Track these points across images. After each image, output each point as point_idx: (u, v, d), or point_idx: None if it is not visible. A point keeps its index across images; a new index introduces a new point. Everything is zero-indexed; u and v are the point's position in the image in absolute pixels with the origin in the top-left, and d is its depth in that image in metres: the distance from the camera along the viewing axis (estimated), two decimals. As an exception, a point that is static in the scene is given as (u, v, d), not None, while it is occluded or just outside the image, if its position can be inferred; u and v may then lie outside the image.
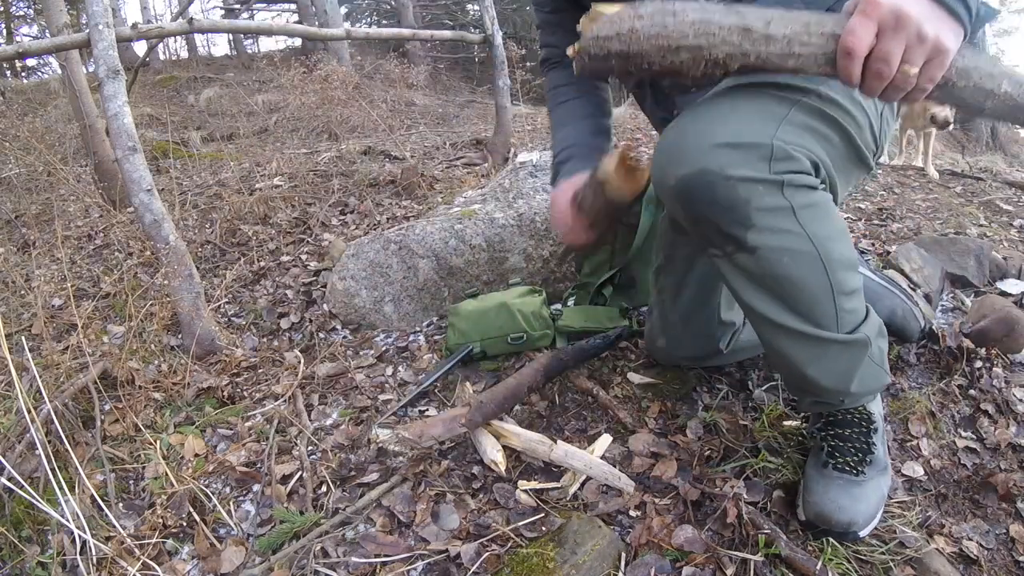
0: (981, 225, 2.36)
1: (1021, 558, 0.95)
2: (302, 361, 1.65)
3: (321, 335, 1.85)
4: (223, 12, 10.92)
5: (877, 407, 1.01)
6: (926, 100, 0.73)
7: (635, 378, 1.37)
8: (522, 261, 1.84)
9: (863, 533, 0.94)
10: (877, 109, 0.91)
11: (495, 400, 1.21)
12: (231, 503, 1.18)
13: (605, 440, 1.18)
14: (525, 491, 1.09)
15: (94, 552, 1.03)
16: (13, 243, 2.77)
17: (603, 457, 1.14)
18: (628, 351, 1.48)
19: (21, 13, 11.39)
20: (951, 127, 3.56)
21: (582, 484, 1.10)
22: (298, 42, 9.74)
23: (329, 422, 1.40)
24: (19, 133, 2.92)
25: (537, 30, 1.32)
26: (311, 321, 1.90)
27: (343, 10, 10.95)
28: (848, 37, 0.65)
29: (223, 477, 1.24)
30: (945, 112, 3.29)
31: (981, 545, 0.97)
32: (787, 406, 1.25)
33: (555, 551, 0.92)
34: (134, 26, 2.06)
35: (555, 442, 1.10)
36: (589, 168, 1.06)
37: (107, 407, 1.44)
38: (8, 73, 10.02)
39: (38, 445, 1.13)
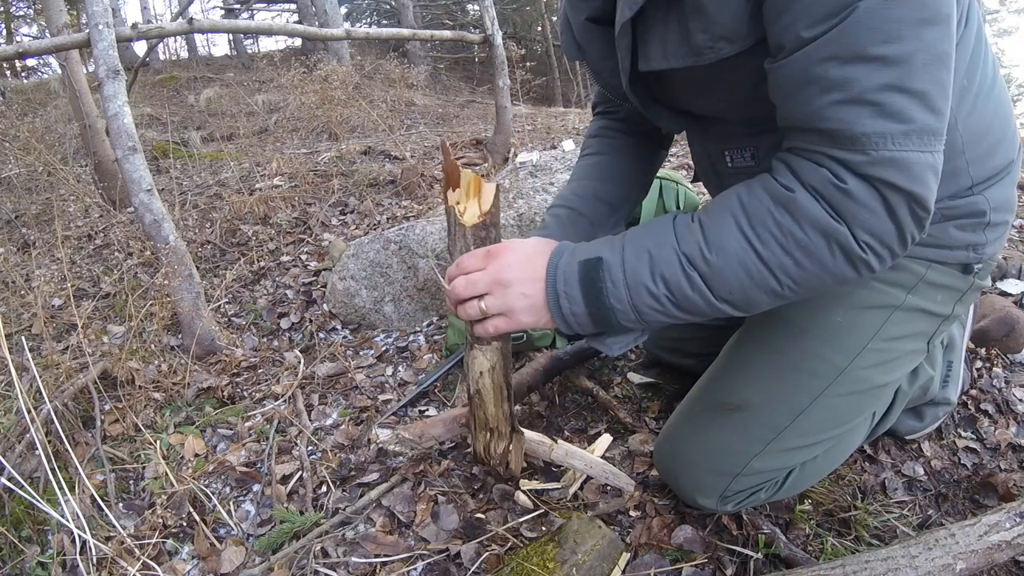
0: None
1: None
2: (302, 361, 1.65)
3: (321, 335, 1.85)
4: (223, 12, 10.92)
5: None
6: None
7: (635, 378, 1.37)
8: (522, 261, 1.84)
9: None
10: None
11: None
12: (231, 503, 1.18)
13: (605, 440, 1.18)
14: (525, 491, 1.09)
15: (94, 552, 1.03)
16: (13, 243, 2.77)
17: (603, 457, 1.14)
18: (628, 351, 1.48)
19: (21, 13, 11.39)
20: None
21: (582, 484, 1.10)
22: (298, 42, 9.74)
23: (329, 422, 1.40)
24: (19, 133, 2.91)
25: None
26: (311, 321, 1.90)
27: (343, 10, 10.95)
28: (465, 258, 0.78)
29: (223, 477, 1.24)
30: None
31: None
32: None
33: (555, 551, 0.91)
34: (134, 26, 2.06)
35: (555, 442, 1.10)
36: (562, 235, 0.97)
37: (107, 407, 1.44)
38: (8, 73, 10.02)
39: (38, 445, 1.13)
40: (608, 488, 1.09)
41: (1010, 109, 0.84)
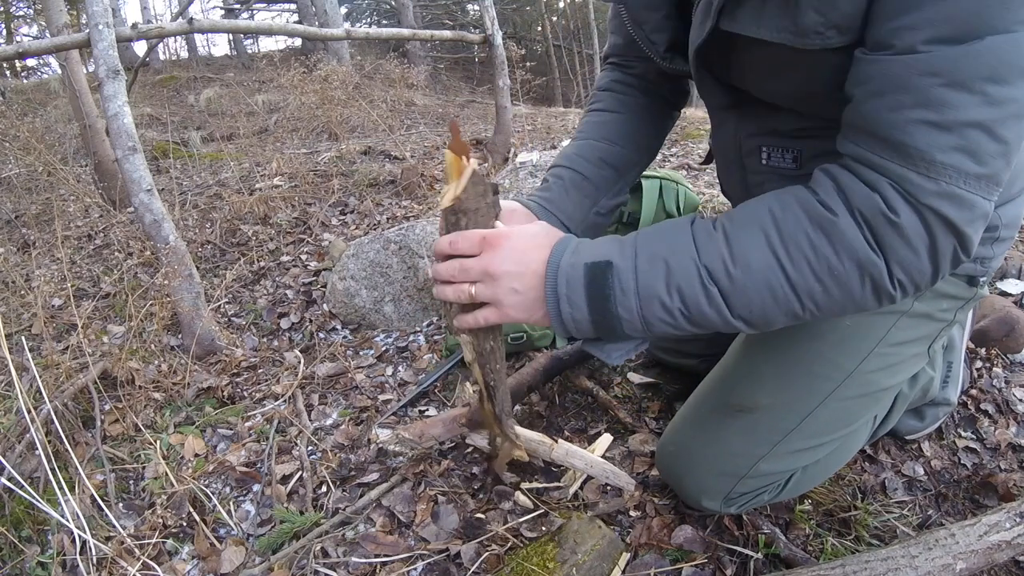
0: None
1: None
2: (302, 361, 1.65)
3: (321, 335, 1.85)
4: (223, 12, 10.92)
5: None
6: None
7: (635, 378, 1.37)
8: (522, 261, 1.84)
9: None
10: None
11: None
12: (231, 503, 1.18)
13: (606, 440, 1.18)
14: (525, 491, 1.09)
15: (94, 552, 1.03)
16: (13, 243, 2.77)
17: (604, 456, 1.14)
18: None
19: (21, 13, 11.39)
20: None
21: (583, 484, 1.10)
22: (298, 42, 9.74)
23: (329, 422, 1.40)
24: (19, 133, 2.91)
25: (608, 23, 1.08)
26: (311, 321, 1.90)
27: (343, 10, 10.96)
28: (460, 235, 0.73)
29: (223, 477, 1.24)
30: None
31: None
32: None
33: (555, 551, 0.91)
34: (134, 26, 2.06)
35: (555, 441, 1.10)
36: (563, 199, 0.94)
37: (107, 407, 1.44)
38: (8, 73, 10.02)
39: (38, 445, 1.13)
40: (608, 488, 1.09)
41: None
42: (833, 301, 0.61)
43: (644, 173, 1.58)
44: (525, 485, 1.10)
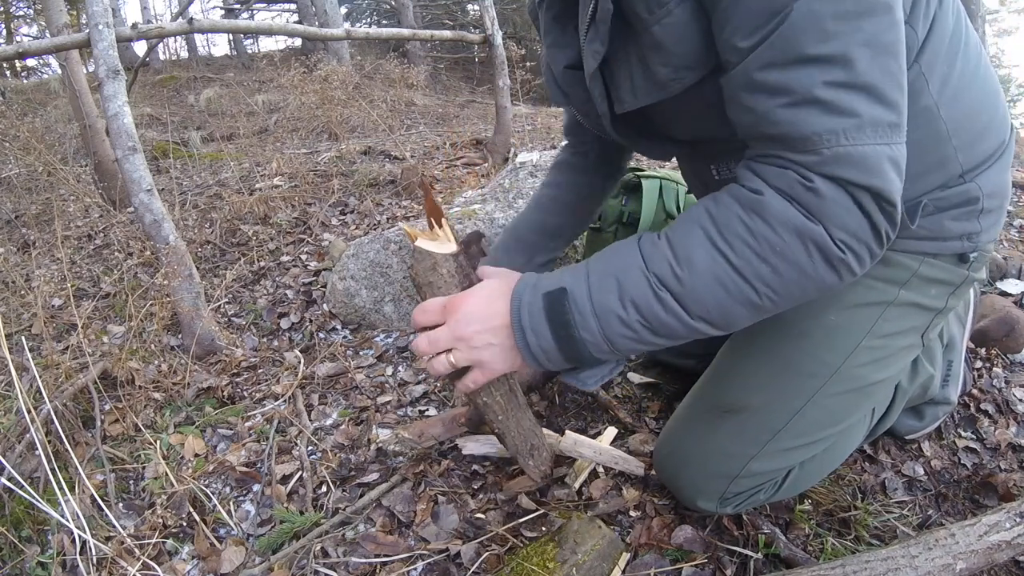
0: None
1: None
2: (302, 361, 1.65)
3: (321, 335, 1.85)
4: (223, 12, 10.92)
5: None
6: None
7: (635, 378, 1.37)
8: (522, 261, 1.84)
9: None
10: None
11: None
12: (231, 503, 1.18)
13: (611, 432, 1.19)
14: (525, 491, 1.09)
15: (94, 552, 1.03)
16: (13, 243, 2.77)
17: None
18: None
19: (21, 13, 11.39)
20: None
21: (587, 480, 1.10)
22: (298, 42, 9.74)
23: (329, 422, 1.40)
24: (19, 133, 2.92)
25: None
26: (311, 321, 1.90)
27: (343, 10, 10.95)
28: (421, 309, 0.76)
29: (223, 477, 1.24)
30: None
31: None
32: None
33: (555, 551, 0.91)
34: (134, 26, 2.06)
35: (563, 433, 1.11)
36: (506, 260, 1.08)
37: (107, 407, 1.44)
38: (8, 73, 10.02)
39: (38, 445, 1.13)
40: (609, 488, 1.09)
41: (997, 90, 0.82)
42: (787, 281, 0.62)
43: (645, 173, 1.58)
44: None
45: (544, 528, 1.01)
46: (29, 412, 1.15)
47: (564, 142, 1.23)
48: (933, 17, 0.71)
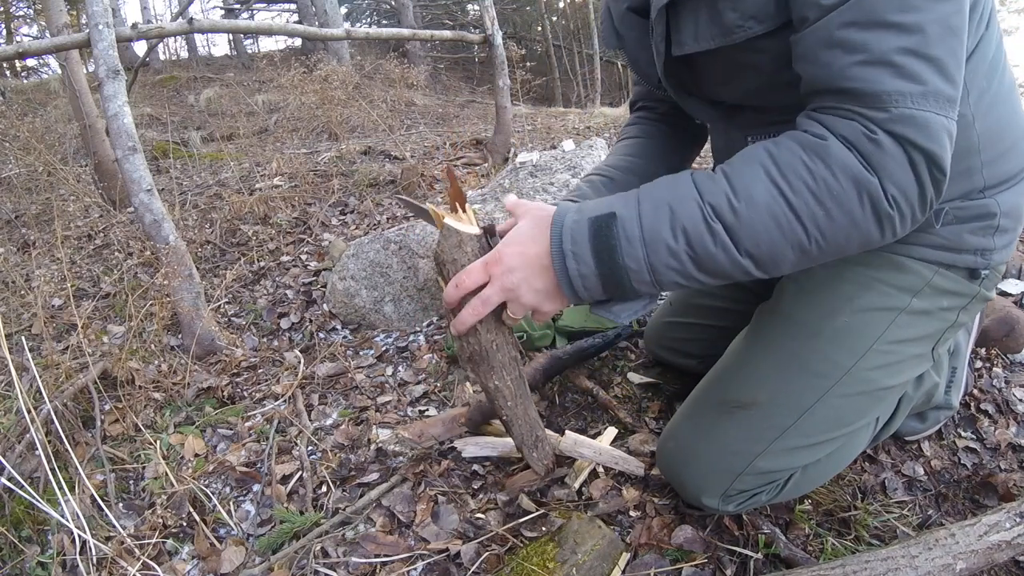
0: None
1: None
2: (302, 361, 1.65)
3: (321, 335, 1.85)
4: (223, 12, 10.92)
5: None
6: None
7: (635, 378, 1.37)
8: (522, 261, 1.84)
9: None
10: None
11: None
12: (231, 503, 1.18)
13: (611, 432, 1.19)
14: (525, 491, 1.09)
15: (94, 552, 1.03)
16: (13, 243, 2.77)
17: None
18: (628, 351, 1.48)
19: (21, 13, 11.39)
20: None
21: (587, 480, 1.10)
22: (298, 42, 9.74)
23: (329, 422, 1.40)
24: (19, 133, 2.91)
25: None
26: (311, 321, 1.90)
27: (343, 10, 10.96)
28: (466, 273, 0.74)
29: (223, 477, 1.24)
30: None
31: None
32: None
33: (555, 551, 0.91)
34: (134, 26, 2.06)
35: (563, 433, 1.11)
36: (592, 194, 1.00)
37: (107, 407, 1.44)
38: (8, 73, 10.02)
39: (38, 445, 1.13)
40: (609, 488, 1.09)
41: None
42: (837, 228, 0.63)
43: None
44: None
45: (544, 528, 1.01)
46: (29, 412, 1.15)
47: (634, 112, 1.17)
48: (980, 37, 0.74)
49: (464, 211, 0.81)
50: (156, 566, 1.02)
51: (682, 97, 0.91)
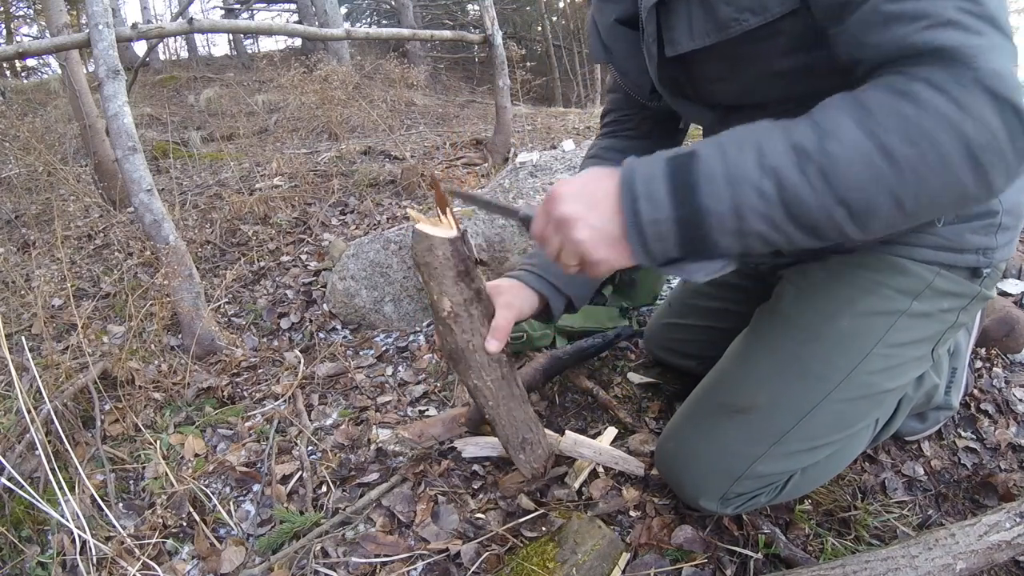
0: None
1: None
2: (302, 361, 1.65)
3: (321, 335, 1.85)
4: (223, 12, 10.92)
5: None
6: None
7: (635, 378, 1.37)
8: (522, 261, 1.84)
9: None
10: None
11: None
12: (231, 503, 1.18)
13: (611, 432, 1.19)
14: (525, 491, 1.09)
15: (94, 552, 1.03)
16: (13, 243, 2.77)
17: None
18: (628, 351, 1.48)
19: (21, 13, 11.39)
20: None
21: (587, 480, 1.10)
22: (298, 42, 9.74)
23: (329, 422, 1.40)
24: (19, 133, 2.92)
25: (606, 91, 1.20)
26: (311, 321, 1.90)
27: (343, 10, 10.95)
28: (533, 225, 0.71)
29: (223, 477, 1.24)
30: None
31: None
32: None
33: (555, 551, 0.91)
34: (134, 26, 2.06)
35: (563, 433, 1.11)
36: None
37: (107, 407, 1.44)
38: (8, 73, 10.02)
39: (38, 445, 1.13)
40: (609, 488, 1.09)
41: None
42: (932, 171, 0.58)
43: None
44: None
45: (544, 528, 1.01)
46: (29, 412, 1.15)
47: (605, 124, 1.15)
48: None
49: (446, 215, 0.82)
50: (156, 566, 1.02)
51: (677, 101, 0.90)
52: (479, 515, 1.06)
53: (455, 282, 0.81)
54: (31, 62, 10.56)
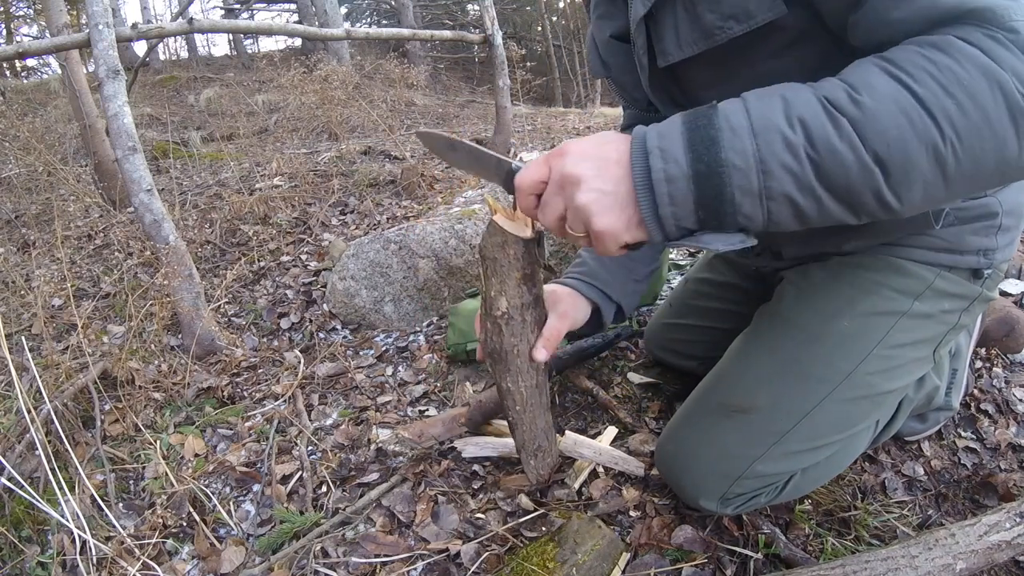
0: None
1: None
2: (302, 361, 1.65)
3: (321, 335, 1.85)
4: (223, 12, 10.92)
5: None
6: None
7: (635, 378, 1.37)
8: (522, 261, 1.84)
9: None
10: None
11: (494, 399, 1.21)
12: (231, 503, 1.18)
13: (611, 432, 1.19)
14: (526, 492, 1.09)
15: (94, 552, 1.03)
16: (13, 243, 2.77)
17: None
18: (628, 351, 1.48)
19: (21, 13, 11.39)
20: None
21: (587, 480, 1.10)
22: (298, 42, 9.74)
23: (329, 422, 1.40)
24: (19, 133, 2.92)
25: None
26: (311, 321, 1.90)
27: (343, 10, 10.95)
28: (521, 172, 0.63)
29: (223, 477, 1.24)
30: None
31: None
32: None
33: (555, 551, 0.91)
34: (134, 26, 2.06)
35: (563, 433, 1.11)
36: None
37: (107, 407, 1.44)
38: (8, 73, 10.03)
39: (38, 445, 1.13)
40: (609, 488, 1.09)
41: None
42: (971, 123, 0.53)
43: None
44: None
45: (544, 528, 1.01)
46: (29, 412, 1.15)
47: None
48: None
49: (495, 214, 0.76)
50: (156, 566, 1.02)
51: (668, 108, 0.90)
52: (479, 515, 1.06)
53: (518, 284, 0.76)
54: (31, 62, 10.56)
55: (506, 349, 0.78)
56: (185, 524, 1.13)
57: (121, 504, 1.18)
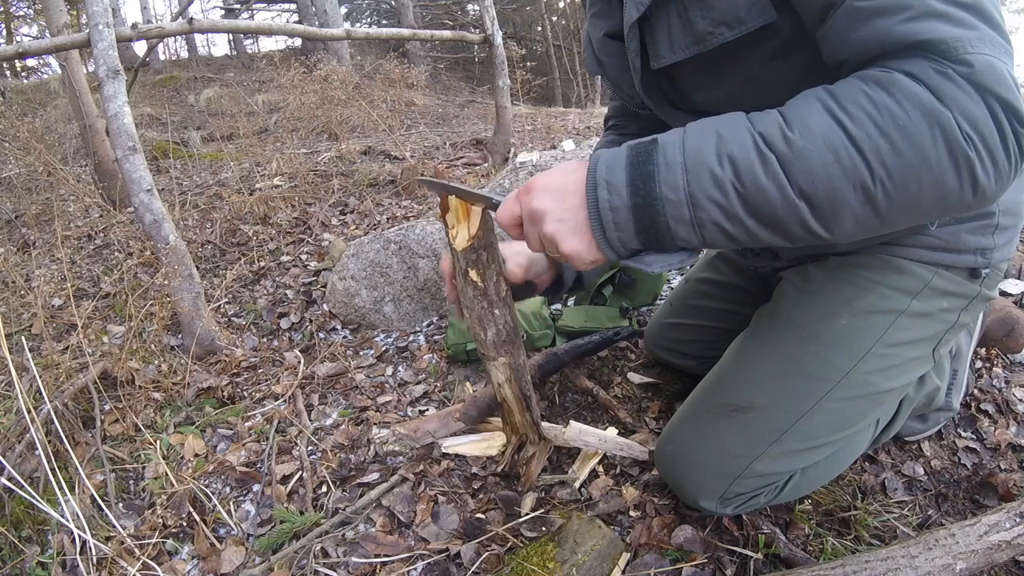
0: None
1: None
2: (302, 361, 1.65)
3: (321, 335, 1.85)
4: (223, 12, 10.91)
5: None
6: None
7: (635, 378, 1.37)
8: (522, 261, 1.84)
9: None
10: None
11: (489, 395, 1.21)
12: (231, 503, 1.18)
13: (611, 432, 1.19)
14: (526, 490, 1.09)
15: (94, 552, 1.03)
16: (13, 243, 2.77)
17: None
18: (628, 351, 1.48)
19: (21, 13, 11.39)
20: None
21: (587, 479, 1.10)
22: (298, 42, 9.74)
23: (329, 422, 1.40)
24: (19, 133, 2.91)
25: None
26: (311, 321, 1.90)
27: (343, 10, 10.95)
28: (499, 209, 0.71)
29: (223, 477, 1.24)
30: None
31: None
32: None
33: (555, 551, 0.91)
34: (134, 26, 2.06)
35: (567, 424, 1.11)
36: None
37: (107, 407, 1.44)
38: (8, 73, 10.03)
39: (38, 445, 1.13)
40: (609, 488, 1.09)
41: None
42: (905, 164, 0.54)
43: None
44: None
45: (544, 528, 1.01)
46: (29, 412, 1.15)
47: (608, 128, 1.17)
48: None
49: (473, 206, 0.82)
50: (156, 566, 1.02)
51: (664, 110, 0.91)
52: (479, 515, 1.06)
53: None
54: (31, 62, 10.57)
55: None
56: (185, 524, 1.13)
57: (121, 504, 1.19)
